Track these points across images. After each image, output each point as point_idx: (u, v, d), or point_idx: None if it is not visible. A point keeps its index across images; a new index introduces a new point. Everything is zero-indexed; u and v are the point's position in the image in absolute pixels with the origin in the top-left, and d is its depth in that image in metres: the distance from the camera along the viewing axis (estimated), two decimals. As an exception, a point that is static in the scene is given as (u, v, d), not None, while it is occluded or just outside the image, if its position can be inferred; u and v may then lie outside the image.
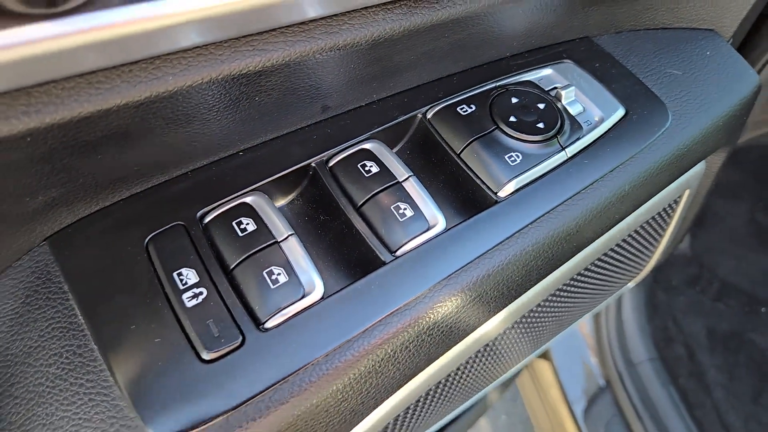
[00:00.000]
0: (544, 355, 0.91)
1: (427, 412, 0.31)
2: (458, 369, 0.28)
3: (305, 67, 0.22)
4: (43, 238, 0.22)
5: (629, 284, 0.48)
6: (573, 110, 0.28)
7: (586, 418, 0.87)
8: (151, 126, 0.20)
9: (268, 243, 0.22)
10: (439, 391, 0.29)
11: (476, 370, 0.31)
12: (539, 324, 0.34)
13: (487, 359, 0.31)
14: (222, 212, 0.23)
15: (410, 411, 0.28)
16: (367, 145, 0.25)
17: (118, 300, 0.21)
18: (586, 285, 0.34)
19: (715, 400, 0.88)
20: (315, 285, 0.22)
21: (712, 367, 0.91)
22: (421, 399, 0.28)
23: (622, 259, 0.36)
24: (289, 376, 0.20)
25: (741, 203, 1.14)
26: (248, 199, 0.23)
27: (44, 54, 0.16)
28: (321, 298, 0.22)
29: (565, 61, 0.29)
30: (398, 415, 0.27)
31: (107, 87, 0.18)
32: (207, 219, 0.23)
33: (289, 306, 0.22)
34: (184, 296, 0.21)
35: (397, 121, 0.26)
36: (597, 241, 0.29)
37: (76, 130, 0.18)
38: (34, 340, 0.21)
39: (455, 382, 0.30)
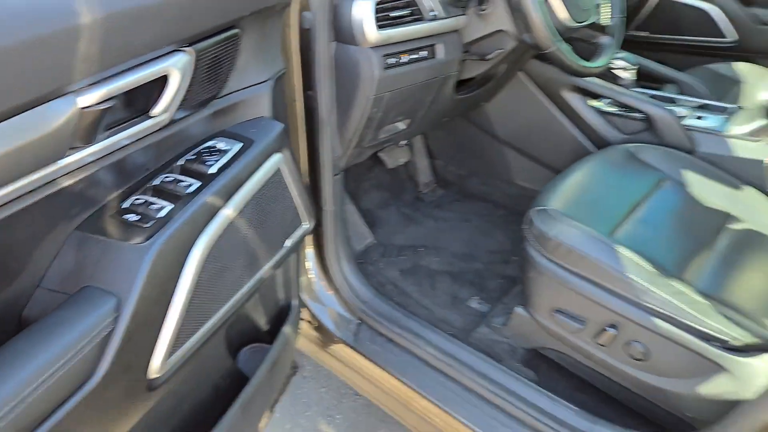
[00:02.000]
0: (317, 323, 1.44)
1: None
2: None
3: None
4: (73, 229, 0.66)
5: (305, 225, 1.06)
6: (224, 148, 0.85)
7: (358, 345, 1.40)
8: None
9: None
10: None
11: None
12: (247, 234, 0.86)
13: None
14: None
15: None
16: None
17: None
18: (259, 213, 0.89)
19: (415, 298, 1.53)
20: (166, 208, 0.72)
21: (408, 285, 1.58)
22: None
23: (271, 198, 0.92)
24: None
25: (391, 207, 1.92)
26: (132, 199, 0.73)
27: None
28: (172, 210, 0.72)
29: (221, 138, 0.86)
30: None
31: None
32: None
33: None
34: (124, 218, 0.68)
35: (160, 166, 0.79)
36: (248, 183, 0.84)
37: None
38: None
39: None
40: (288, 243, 1.01)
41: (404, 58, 1.22)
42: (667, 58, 2.19)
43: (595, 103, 1.60)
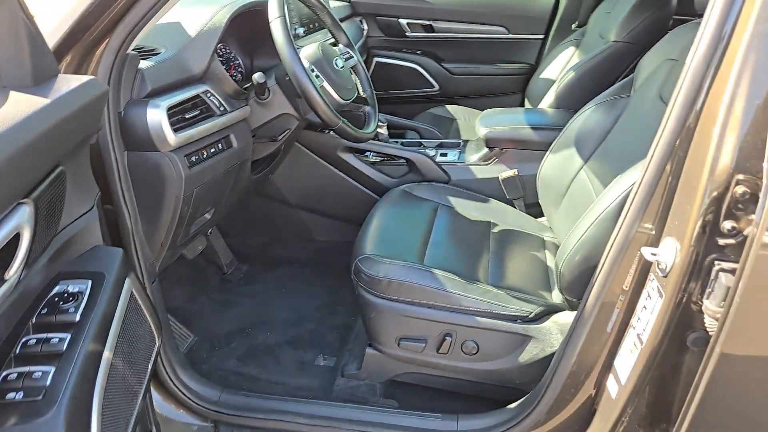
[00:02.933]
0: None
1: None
2: None
3: None
4: None
5: (158, 341, 1.01)
6: (75, 290, 0.78)
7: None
8: None
9: None
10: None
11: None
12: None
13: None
14: None
15: None
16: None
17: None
18: (129, 344, 0.84)
19: (264, 379, 1.53)
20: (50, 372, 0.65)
21: (251, 368, 1.57)
22: None
23: (133, 325, 0.88)
24: None
25: (200, 297, 1.87)
26: None
27: None
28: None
29: (65, 281, 0.79)
30: None
31: None
32: None
33: None
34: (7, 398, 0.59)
35: (11, 331, 0.69)
36: (114, 319, 0.80)
37: None
38: None
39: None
40: (150, 366, 0.96)
41: (205, 153, 1.27)
42: (397, 109, 2.65)
43: (364, 157, 1.88)
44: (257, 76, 1.29)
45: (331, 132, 1.78)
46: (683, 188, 0.83)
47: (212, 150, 1.29)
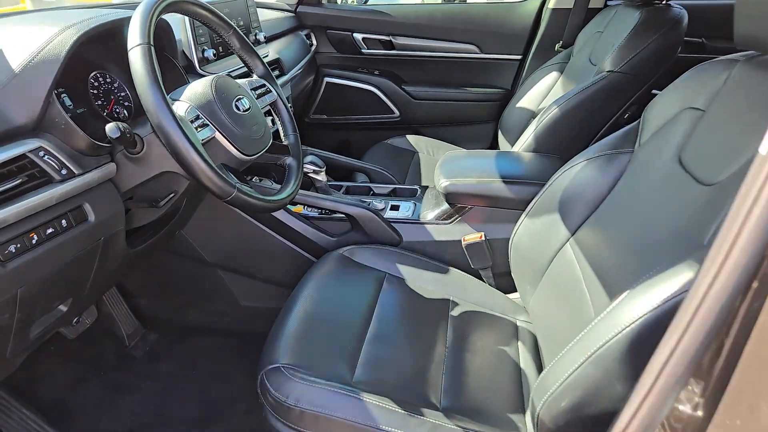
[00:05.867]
0: None
1: None
2: None
3: None
4: None
5: None
6: None
7: None
8: None
9: None
10: None
11: None
12: None
13: None
14: None
15: None
16: None
17: None
18: None
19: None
20: None
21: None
22: None
23: None
24: None
25: (90, 381, 1.48)
26: None
27: None
28: None
29: None
30: None
31: None
32: None
33: None
34: None
35: None
36: None
37: None
38: None
39: None
40: None
41: (34, 238, 0.88)
42: (350, 137, 2.29)
43: (298, 211, 1.51)
44: (110, 129, 0.91)
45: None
46: None
47: (49, 231, 0.91)
